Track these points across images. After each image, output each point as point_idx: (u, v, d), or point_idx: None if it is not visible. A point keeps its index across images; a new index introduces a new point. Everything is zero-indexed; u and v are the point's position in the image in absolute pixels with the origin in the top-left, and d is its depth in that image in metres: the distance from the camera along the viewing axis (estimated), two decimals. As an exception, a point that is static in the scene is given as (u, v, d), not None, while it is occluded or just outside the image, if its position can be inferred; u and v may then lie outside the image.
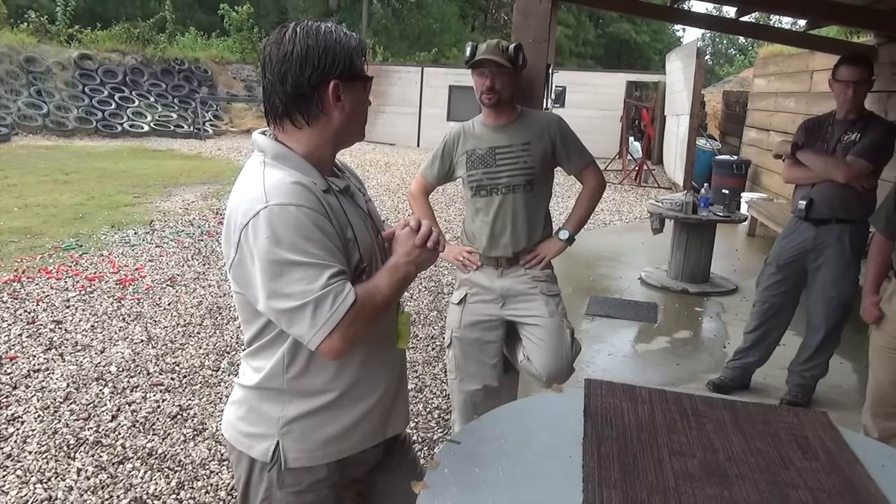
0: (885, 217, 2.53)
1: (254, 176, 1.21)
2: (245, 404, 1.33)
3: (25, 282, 4.86)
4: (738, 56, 35.53)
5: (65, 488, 2.54)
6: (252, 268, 1.16)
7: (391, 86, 16.73)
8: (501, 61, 2.24)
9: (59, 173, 9.42)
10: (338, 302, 1.13)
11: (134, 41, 16.05)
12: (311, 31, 1.21)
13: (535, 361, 2.39)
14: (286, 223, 1.13)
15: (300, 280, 1.12)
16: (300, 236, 1.13)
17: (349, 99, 1.25)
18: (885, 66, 4.99)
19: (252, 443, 1.31)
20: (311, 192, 1.18)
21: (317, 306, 1.12)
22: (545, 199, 2.50)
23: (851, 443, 1.44)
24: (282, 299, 1.13)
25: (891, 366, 2.45)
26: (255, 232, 1.14)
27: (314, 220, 1.16)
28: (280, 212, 1.13)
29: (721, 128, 12.23)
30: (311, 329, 1.13)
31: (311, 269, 1.13)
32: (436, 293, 5.14)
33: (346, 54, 1.22)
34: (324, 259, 1.14)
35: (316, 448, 1.29)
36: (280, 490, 1.30)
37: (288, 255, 1.12)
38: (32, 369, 3.51)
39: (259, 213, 1.14)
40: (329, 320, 1.12)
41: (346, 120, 1.26)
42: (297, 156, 1.24)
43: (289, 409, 1.28)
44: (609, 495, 1.20)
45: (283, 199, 1.14)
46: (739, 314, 4.65)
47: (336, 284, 1.14)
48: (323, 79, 1.20)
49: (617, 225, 8.13)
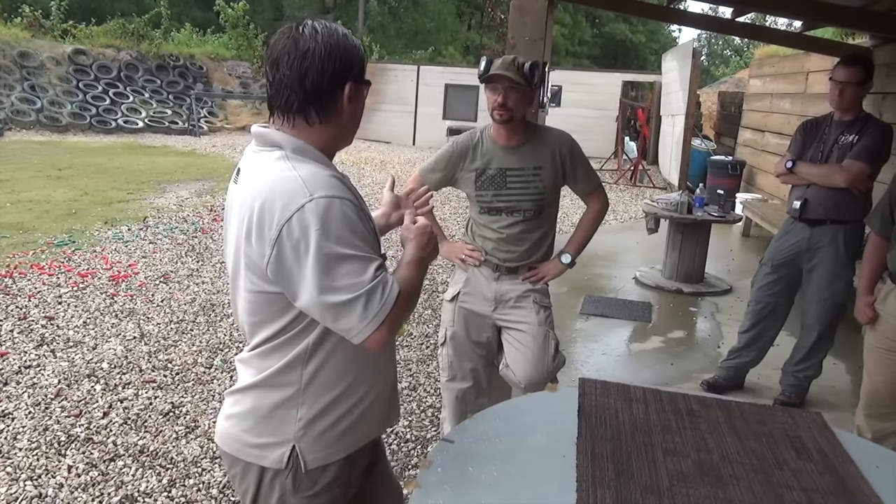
0: (880, 218, 2.53)
1: (281, 170, 1.19)
2: (252, 415, 1.29)
3: (17, 277, 4.82)
4: (733, 57, 35.65)
5: (55, 485, 2.52)
6: (296, 263, 1.14)
7: (387, 84, 16.70)
8: (515, 78, 2.19)
9: (53, 169, 9.36)
10: (386, 293, 1.16)
11: (129, 37, 15.97)
12: (332, 32, 1.22)
13: (516, 368, 2.38)
14: (334, 216, 1.13)
15: (349, 273, 1.13)
16: (347, 229, 1.14)
17: (357, 100, 1.28)
18: (881, 67, 4.99)
19: (264, 452, 1.28)
20: (346, 185, 1.21)
21: (368, 299, 1.14)
22: (552, 221, 2.50)
23: (845, 443, 1.44)
24: (333, 293, 1.13)
25: (885, 366, 2.45)
26: (303, 226, 1.12)
27: (356, 212, 1.18)
28: (327, 205, 1.13)
29: (716, 128, 12.26)
30: (361, 321, 1.15)
31: (359, 262, 1.15)
32: (430, 291, 5.13)
33: (360, 57, 1.26)
34: (368, 251, 1.17)
35: (332, 443, 1.29)
36: (294, 496, 1.28)
37: (338, 248, 1.13)
38: (23, 365, 3.49)
39: (304, 207, 1.12)
40: (380, 312, 1.15)
41: (353, 121, 1.30)
42: (315, 150, 1.24)
43: (303, 410, 1.26)
44: (603, 495, 1.20)
45: (327, 192, 1.15)
46: (734, 314, 4.65)
47: (382, 276, 1.17)
48: (341, 79, 1.22)
49: (612, 224, 8.14)
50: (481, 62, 2.29)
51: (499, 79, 2.22)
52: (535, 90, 2.30)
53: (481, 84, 2.30)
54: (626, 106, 13.74)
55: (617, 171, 12.33)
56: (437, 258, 1.42)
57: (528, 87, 2.24)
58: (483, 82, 2.28)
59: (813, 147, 3.15)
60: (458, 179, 2.46)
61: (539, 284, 2.47)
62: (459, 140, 2.46)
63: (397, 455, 2.84)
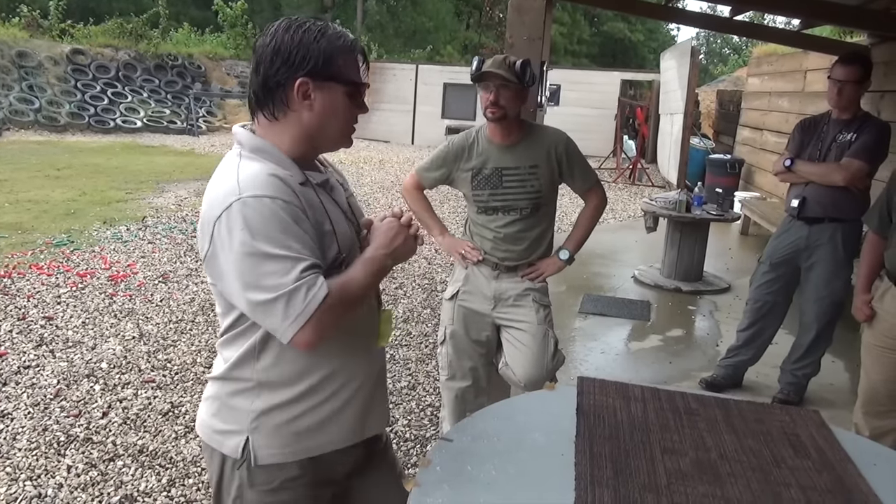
0: (877, 216, 2.53)
1: (229, 168, 1.22)
2: (217, 400, 1.32)
3: (16, 278, 4.82)
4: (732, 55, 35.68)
5: (55, 485, 2.53)
6: (225, 260, 1.15)
7: (385, 83, 16.69)
8: (507, 75, 2.20)
9: (51, 169, 9.36)
10: (310, 295, 1.12)
11: (127, 36, 15.95)
12: (291, 27, 1.21)
13: (515, 367, 2.39)
14: (260, 215, 1.13)
15: (274, 273, 1.12)
16: (274, 228, 1.13)
17: (320, 99, 1.22)
18: (879, 65, 4.99)
19: (223, 439, 1.29)
20: (286, 185, 1.18)
21: (290, 299, 1.12)
22: (549, 218, 2.50)
23: (843, 441, 1.44)
24: (255, 291, 1.13)
25: (882, 364, 2.46)
26: (229, 224, 1.13)
27: (289, 212, 1.15)
28: (254, 203, 1.13)
29: (715, 127, 12.26)
30: (283, 322, 1.13)
31: (285, 262, 1.12)
32: (429, 290, 5.13)
33: (320, 53, 1.20)
34: (298, 252, 1.14)
35: (287, 444, 1.28)
36: (251, 489, 1.28)
37: (262, 246, 1.12)
38: (23, 366, 3.49)
39: (232, 205, 1.13)
40: (302, 313, 1.12)
41: (318, 121, 1.24)
42: (275, 149, 1.24)
43: (258, 403, 1.26)
44: (601, 493, 1.20)
45: (257, 191, 1.14)
46: (732, 312, 4.66)
47: (309, 277, 1.13)
48: (290, 75, 1.20)
49: (611, 223, 8.15)
50: (473, 62, 2.31)
51: (490, 77, 2.23)
52: (528, 88, 2.31)
53: (474, 84, 2.31)
54: (625, 105, 13.74)
55: (616, 169, 12.34)
56: (410, 257, 1.33)
57: (521, 85, 2.25)
58: (475, 81, 2.30)
59: (811, 145, 3.15)
60: (455, 179, 2.46)
61: (538, 281, 2.47)
62: (455, 140, 2.47)
63: (397, 454, 2.84)
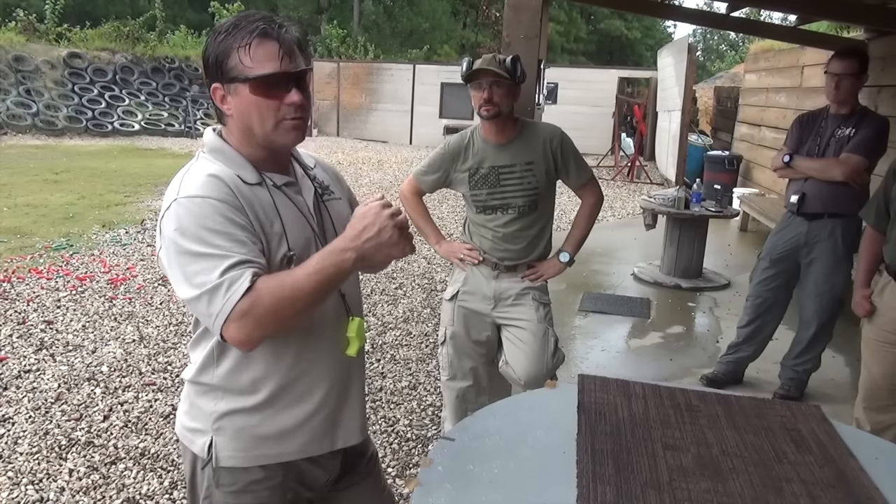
0: (874, 211, 2.53)
1: (183, 170, 1.26)
2: (187, 399, 1.35)
3: (16, 282, 4.82)
4: (729, 52, 35.70)
5: (56, 489, 2.53)
6: (165, 258, 1.18)
7: (383, 83, 16.69)
8: (499, 72, 2.21)
9: (49, 173, 9.35)
10: (231, 291, 1.10)
11: (124, 39, 15.94)
12: (214, 30, 1.23)
13: (515, 365, 2.39)
14: (191, 214, 1.15)
15: (201, 271, 1.13)
16: (203, 227, 1.14)
17: (233, 102, 1.21)
18: (876, 60, 4.99)
19: (193, 437, 1.31)
20: (224, 184, 1.18)
21: (212, 295, 1.12)
22: (548, 216, 2.50)
23: (844, 436, 1.44)
24: (187, 288, 1.15)
25: (883, 359, 2.46)
26: (167, 224, 1.17)
27: (221, 210, 1.16)
28: (187, 204, 1.16)
29: (712, 123, 12.27)
30: (208, 318, 1.14)
31: (211, 260, 1.13)
32: (429, 290, 5.13)
33: (218, 54, 1.19)
34: (227, 250, 1.13)
35: (249, 448, 1.29)
36: (217, 489, 1.30)
37: (190, 245, 1.14)
38: (23, 370, 3.48)
39: (171, 206, 1.17)
40: (222, 309, 1.11)
41: (241, 123, 1.22)
42: (231, 150, 1.25)
43: (221, 405, 1.28)
44: (603, 490, 1.20)
45: (190, 192, 1.17)
46: (732, 309, 4.66)
47: (233, 273, 1.11)
48: (210, 82, 1.23)
49: (609, 221, 8.15)
50: (463, 63, 2.32)
51: (482, 74, 2.23)
52: (519, 84, 2.31)
53: (465, 85, 2.31)
54: (623, 102, 13.73)
55: (614, 167, 12.34)
56: (395, 260, 1.29)
57: (512, 81, 2.26)
58: (467, 81, 2.29)
59: (810, 141, 3.16)
60: (452, 181, 2.46)
61: (538, 283, 2.47)
62: (451, 142, 2.47)
63: (398, 454, 2.84)
